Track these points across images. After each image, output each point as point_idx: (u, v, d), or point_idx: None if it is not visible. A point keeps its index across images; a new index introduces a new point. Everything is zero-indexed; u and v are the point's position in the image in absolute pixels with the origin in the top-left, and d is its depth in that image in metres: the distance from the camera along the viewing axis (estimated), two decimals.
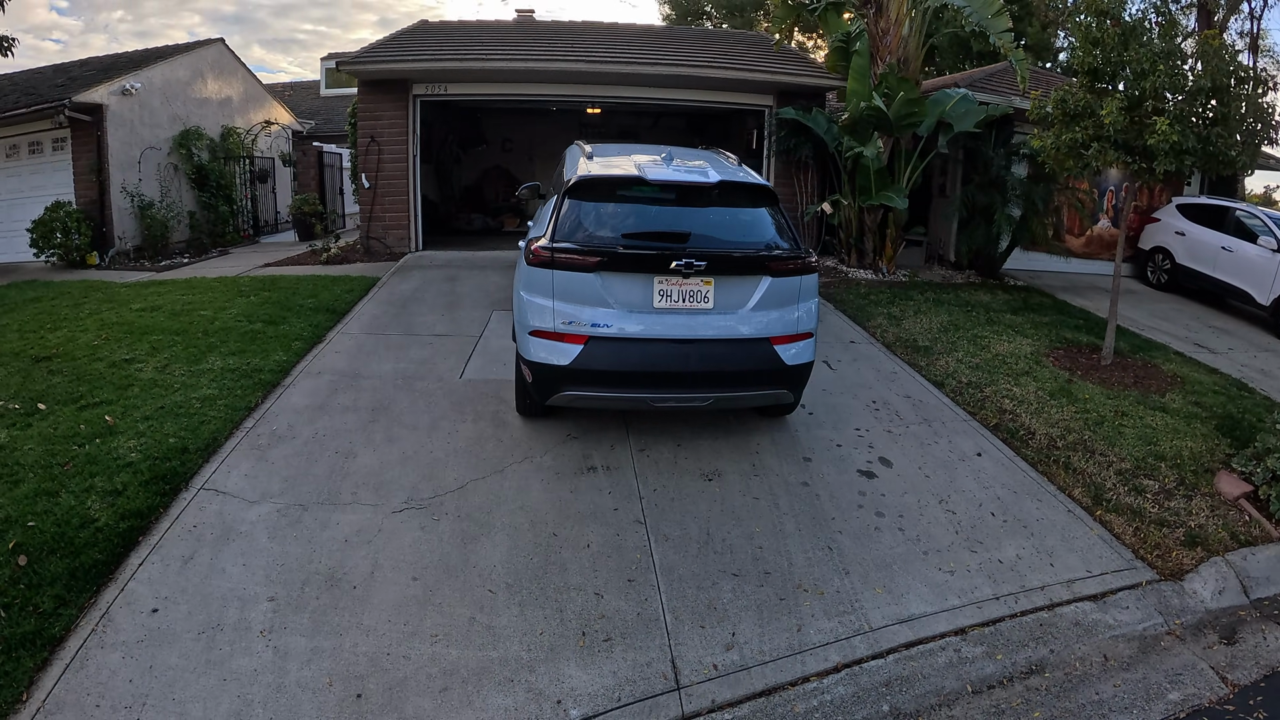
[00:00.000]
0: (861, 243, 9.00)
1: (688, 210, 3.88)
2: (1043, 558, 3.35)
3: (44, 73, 10.97)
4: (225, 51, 12.13)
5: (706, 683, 2.51)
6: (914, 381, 5.37)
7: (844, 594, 3.03)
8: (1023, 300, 7.93)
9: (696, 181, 3.87)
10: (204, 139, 11.35)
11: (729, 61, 9.39)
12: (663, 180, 3.82)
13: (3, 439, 3.76)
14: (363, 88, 9.38)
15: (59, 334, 5.57)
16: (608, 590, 2.93)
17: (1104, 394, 5.14)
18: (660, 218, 3.84)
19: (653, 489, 3.72)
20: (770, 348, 3.81)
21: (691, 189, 3.87)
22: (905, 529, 3.52)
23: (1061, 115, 5.43)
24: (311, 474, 3.74)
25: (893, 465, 4.11)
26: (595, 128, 14.59)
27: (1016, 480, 4.02)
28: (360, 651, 2.58)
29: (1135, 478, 4.04)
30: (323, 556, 3.08)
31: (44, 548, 2.94)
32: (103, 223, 9.20)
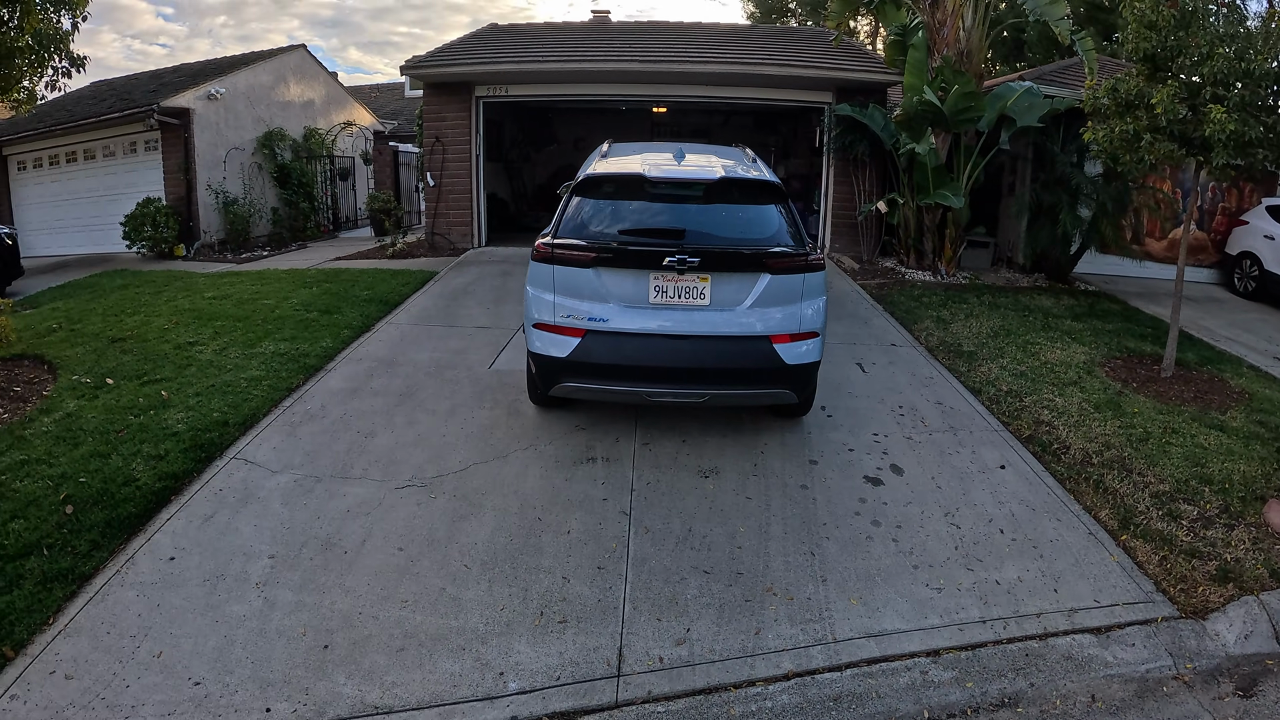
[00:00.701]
0: (920, 243, 8.72)
1: (688, 207, 3.92)
2: (1047, 582, 3.12)
3: (140, 79, 12.36)
4: (307, 57, 13.23)
5: (647, 674, 2.53)
6: (949, 387, 5.19)
7: (815, 601, 2.94)
8: (1088, 306, 7.44)
9: (697, 178, 3.92)
10: (286, 139, 12.41)
11: (782, 58, 9.33)
12: (664, 178, 3.90)
13: (72, 408, 4.34)
14: (428, 90, 10.00)
15: (136, 318, 6.31)
16: (576, 575, 3.02)
17: (1156, 408, 4.80)
18: (660, 214, 3.91)
19: (646, 482, 3.77)
20: (769, 346, 3.79)
21: (693, 185, 3.93)
22: (900, 540, 3.37)
23: (1114, 105, 5.05)
24: (332, 450, 4.09)
25: (904, 473, 3.96)
26: (666, 126, 14.80)
27: (1038, 497, 3.79)
28: (337, 609, 2.82)
29: (1173, 501, 3.72)
30: (324, 523, 3.38)
31: (89, 500, 3.39)
32: (189, 217, 10.28)
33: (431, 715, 2.36)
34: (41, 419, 4.18)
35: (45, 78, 4.63)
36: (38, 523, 3.21)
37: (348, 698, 2.42)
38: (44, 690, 2.43)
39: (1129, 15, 4.83)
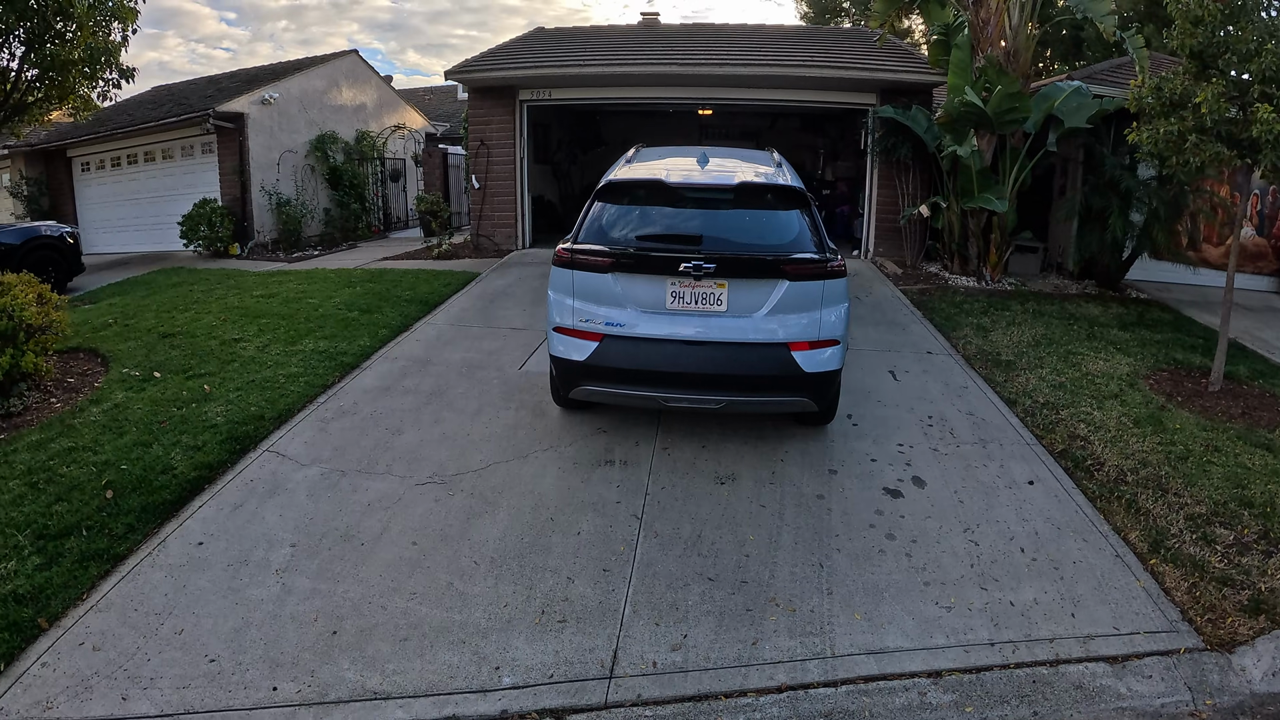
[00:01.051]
0: (964, 248, 8.49)
1: (708, 213, 3.94)
2: (1065, 606, 3.00)
3: (198, 84, 13.12)
4: (359, 62, 13.79)
5: (639, 677, 2.53)
6: (983, 398, 5.07)
7: (818, 614, 2.89)
8: (1138, 315, 7.15)
9: (717, 184, 3.95)
10: (338, 142, 12.94)
11: (824, 59, 9.23)
12: (683, 184, 3.93)
13: (120, 399, 4.64)
14: (472, 94, 10.28)
15: (187, 314, 6.69)
16: (580, 576, 3.05)
17: (1199, 424, 4.61)
18: (679, 220, 3.93)
19: (661, 486, 3.78)
20: (788, 353, 3.76)
21: (712, 191, 3.95)
22: (913, 555, 3.29)
23: (1159, 105, 4.85)
24: (359, 445, 4.25)
25: (925, 486, 3.87)
26: (715, 129, 14.82)
27: (1065, 515, 3.65)
28: (348, 597, 2.93)
29: (1209, 525, 3.55)
30: (345, 516, 3.51)
31: (128, 486, 3.62)
32: (244, 217, 10.83)
33: (426, 704, 2.43)
34: (91, 409, 4.48)
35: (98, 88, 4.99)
36: (79, 505, 3.45)
37: (349, 682, 2.52)
38: (72, 660, 2.61)
39: (1174, 11, 4.65)
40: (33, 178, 12.59)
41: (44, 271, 8.32)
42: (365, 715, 2.39)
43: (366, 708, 2.42)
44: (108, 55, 4.87)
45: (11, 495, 3.51)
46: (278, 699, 2.46)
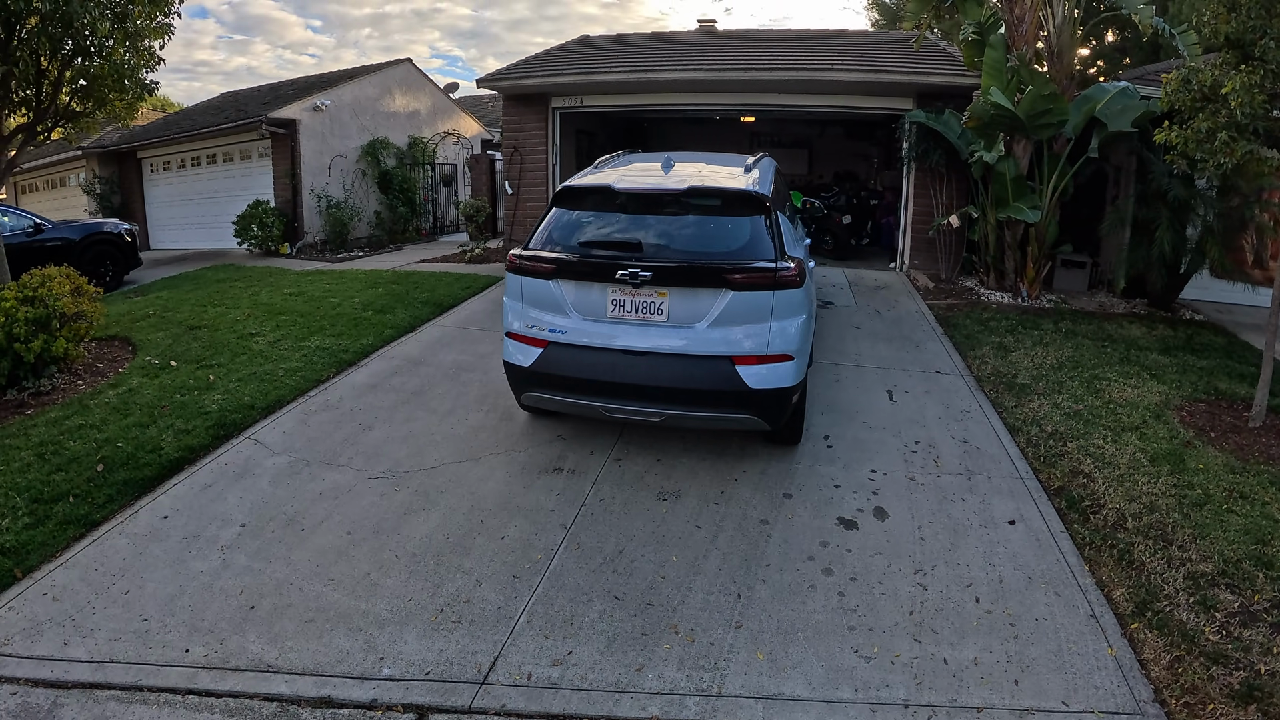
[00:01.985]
0: (1001, 262, 8.20)
1: (654, 219, 3.99)
2: (1010, 670, 2.75)
3: (262, 90, 14.37)
4: (412, 70, 14.70)
5: (510, 687, 2.66)
6: (984, 424, 4.91)
7: (717, 648, 2.86)
8: (1185, 338, 6.70)
9: (663, 189, 4.01)
10: (390, 147, 13.84)
11: (856, 62, 9.15)
12: (630, 189, 4.04)
13: (135, 384, 5.28)
14: (507, 102, 10.82)
15: (218, 309, 7.43)
16: (489, 580, 3.24)
17: (1227, 465, 4.22)
18: (622, 226, 4.00)
19: (601, 498, 3.91)
20: (731, 367, 3.75)
21: (659, 197, 4.01)
22: (847, 594, 3.18)
23: (1190, 100, 4.54)
24: (330, 438, 4.66)
25: (887, 519, 3.77)
26: (764, 137, 14.91)
27: (1042, 563, 3.41)
28: (275, 577, 3.28)
29: (1212, 586, 3.20)
30: (296, 502, 3.90)
31: (119, 462, 4.17)
32: (294, 218, 11.80)
33: (308, 682, 2.71)
34: (108, 392, 5.13)
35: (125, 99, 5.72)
36: (73, 476, 4.01)
37: (250, 653, 2.85)
38: (33, 607, 3.09)
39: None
40: (105, 177, 14.19)
41: (102, 265, 9.43)
42: (253, 684, 2.71)
43: (256, 678, 2.74)
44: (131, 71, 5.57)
45: (21, 463, 4.12)
46: (186, 659, 2.82)
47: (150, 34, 5.67)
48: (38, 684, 2.72)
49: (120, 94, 5.72)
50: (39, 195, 17.89)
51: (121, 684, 2.72)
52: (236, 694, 2.67)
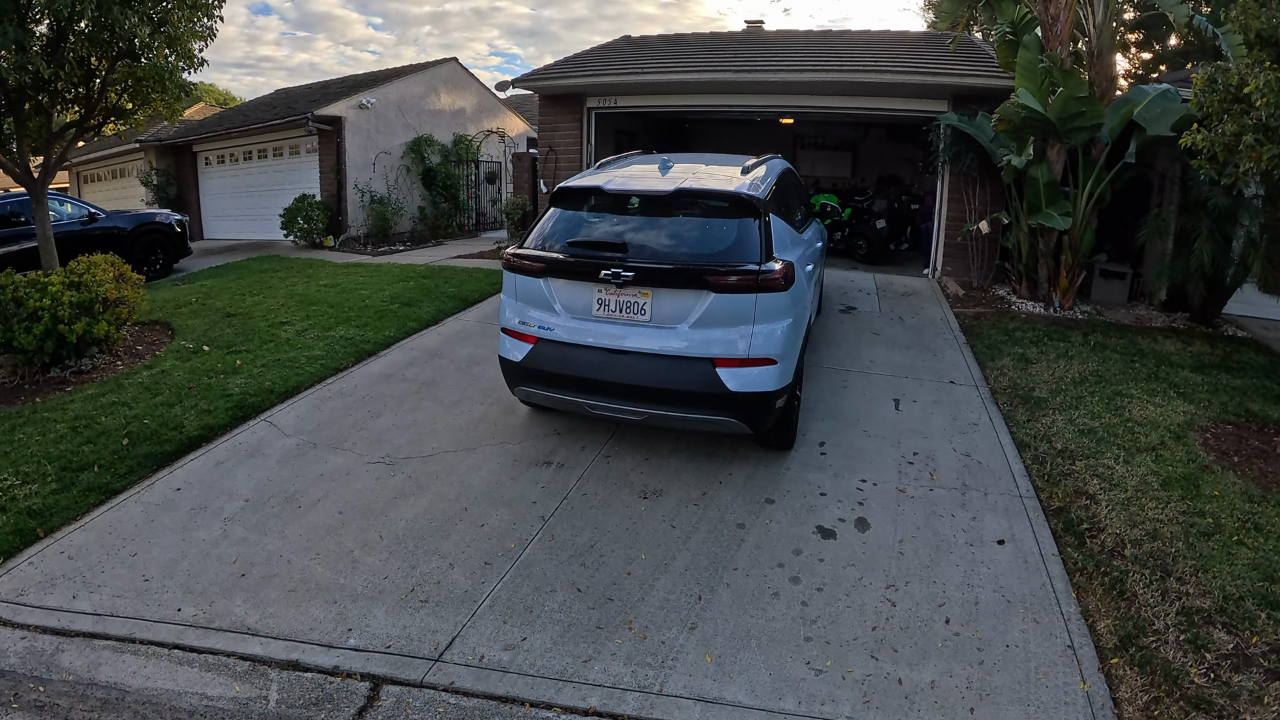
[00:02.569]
0: (1033, 271, 8.00)
1: (640, 220, 4.10)
2: (968, 697, 2.68)
3: (312, 88, 15.11)
4: (458, 69, 15.18)
5: (461, 666, 2.81)
6: (991, 438, 4.81)
7: (667, 646, 2.92)
8: (1223, 355, 6.41)
9: (651, 191, 4.11)
10: (435, 145, 14.34)
11: (888, 63, 9.04)
12: (620, 190, 4.16)
13: (168, 366, 5.71)
14: (542, 101, 11.10)
15: (255, 298, 7.90)
16: (462, 565, 3.41)
17: (1246, 493, 4.01)
18: (609, 227, 4.13)
19: (583, 493, 4.04)
20: (712, 369, 3.81)
21: (647, 198, 4.11)
22: (810, 604, 3.18)
23: (1216, 101, 4.36)
24: (339, 424, 4.96)
25: (868, 530, 3.75)
26: (808, 139, 14.85)
27: (1026, 587, 3.31)
28: (267, 549, 3.55)
29: (1208, 624, 3.03)
30: (298, 481, 4.19)
31: (143, 436, 4.55)
32: (338, 212, 12.38)
33: (280, 645, 2.94)
34: (142, 373, 5.57)
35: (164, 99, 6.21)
36: (101, 448, 4.40)
37: (234, 616, 3.11)
38: (50, 563, 3.44)
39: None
40: (162, 169, 15.18)
41: (152, 253, 10.11)
42: (232, 643, 2.96)
43: (236, 638, 2.99)
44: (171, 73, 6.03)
45: (56, 435, 4.54)
46: (177, 618, 3.10)
47: (190, 37, 6.13)
48: (45, 631, 3.04)
49: (161, 94, 6.22)
50: (101, 185, 19.29)
51: (117, 635, 3.02)
52: (216, 651, 2.93)
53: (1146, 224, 7.62)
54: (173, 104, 6.46)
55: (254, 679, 2.80)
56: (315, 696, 2.72)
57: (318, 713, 2.64)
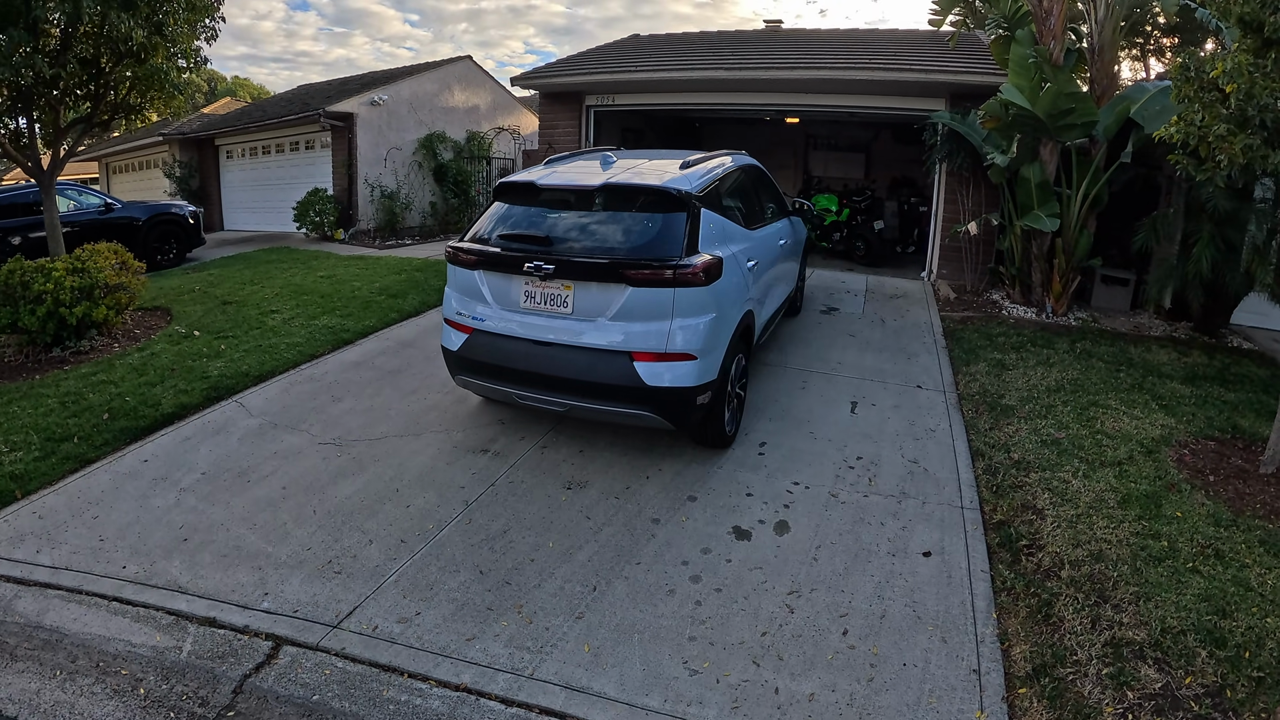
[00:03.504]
0: (1027, 274, 8.02)
1: (567, 214, 4.30)
2: (846, 714, 2.68)
3: (332, 85, 15.82)
4: (472, 67, 15.67)
5: (355, 634, 3.11)
6: (946, 445, 4.83)
7: (550, 633, 3.09)
8: (1220, 367, 6.27)
9: (578, 185, 4.31)
10: (447, 141, 14.86)
11: (882, 61, 9.11)
12: (550, 185, 4.37)
13: (158, 349, 6.25)
14: (543, 100, 11.47)
15: (253, 287, 8.45)
16: (380, 541, 3.74)
17: (1213, 516, 3.83)
18: (537, 221, 4.34)
19: (510, 481, 4.31)
20: (629, 363, 3.98)
21: (575, 193, 4.31)
22: (704, 604, 3.26)
23: (1191, 90, 4.23)
24: (302, 407, 5.38)
25: (787, 534, 3.80)
26: (821, 139, 14.93)
27: (943, 604, 3.26)
28: (211, 517, 3.97)
29: (1137, 659, 2.87)
30: (252, 458, 4.61)
31: (123, 412, 5.05)
32: (349, 206, 12.98)
33: (203, 604, 3.32)
34: (134, 354, 6.11)
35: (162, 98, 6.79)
36: (84, 422, 4.91)
37: (169, 575, 3.52)
38: (21, 521, 3.93)
39: None
40: (184, 162, 16.09)
41: (166, 243, 10.82)
42: (163, 599, 3.36)
43: (166, 595, 3.39)
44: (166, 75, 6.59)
45: (46, 408, 5.08)
46: (120, 574, 3.53)
47: (186, 39, 6.67)
48: (7, 579, 3.51)
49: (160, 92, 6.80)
50: (128, 176, 20.56)
51: (67, 586, 3.46)
52: (148, 605, 3.34)
53: (1143, 227, 7.52)
54: (169, 102, 7.04)
55: (174, 631, 3.20)
56: (222, 650, 3.09)
57: (220, 665, 3.01)
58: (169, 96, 6.95)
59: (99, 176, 21.51)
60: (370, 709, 2.77)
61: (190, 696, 2.85)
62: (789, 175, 14.59)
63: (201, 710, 2.78)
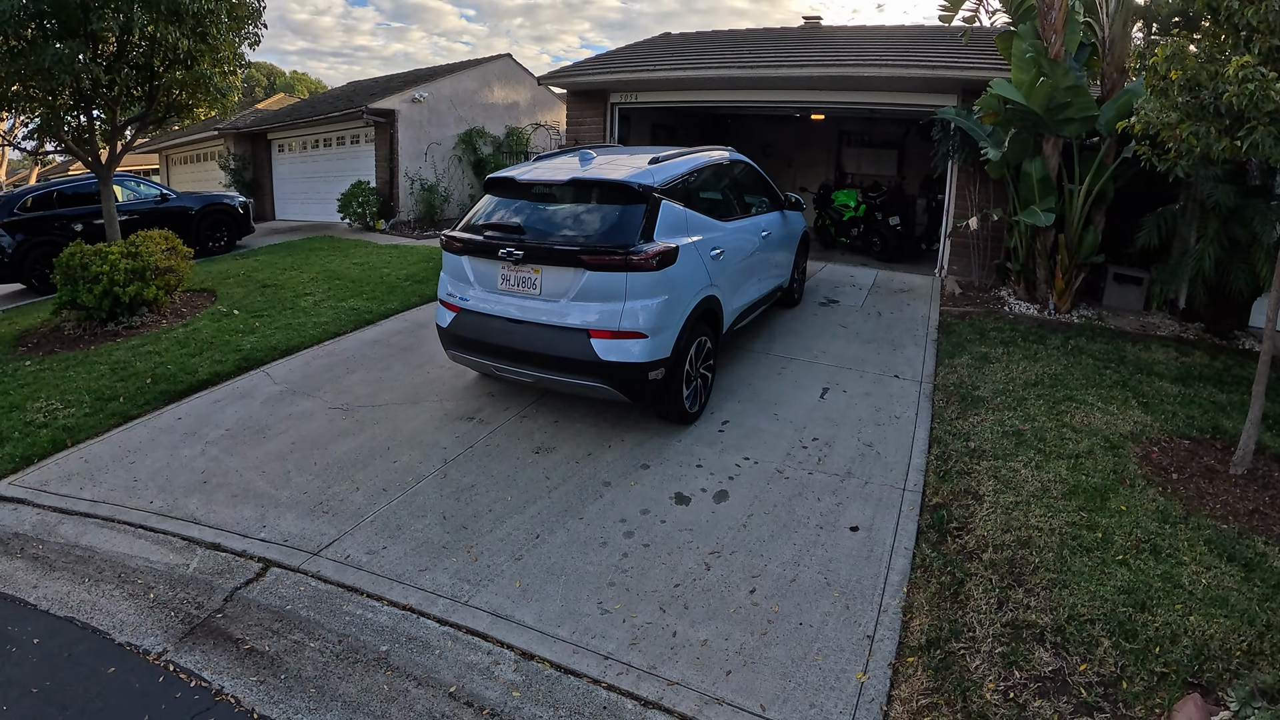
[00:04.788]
0: (1031, 271, 8.08)
1: (540, 205, 4.79)
2: (731, 660, 2.92)
3: (378, 82, 16.78)
4: (512, 64, 16.34)
5: (330, 561, 3.65)
6: (906, 431, 4.96)
7: (490, 570, 3.53)
8: (1219, 370, 6.16)
9: (549, 180, 4.80)
10: (486, 136, 15.58)
11: (894, 57, 9.26)
12: (527, 180, 4.88)
13: (200, 326, 7.04)
14: (570, 98, 11.99)
15: (293, 272, 9.25)
16: (365, 487, 4.30)
17: (1161, 513, 3.84)
18: (514, 212, 4.85)
19: (488, 445, 4.80)
20: (586, 339, 4.40)
21: (547, 187, 4.82)
22: (630, 556, 3.60)
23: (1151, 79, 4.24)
24: (318, 376, 6.03)
25: (724, 502, 4.08)
26: (854, 136, 15.06)
27: (857, 574, 3.46)
28: (229, 465, 4.61)
29: (1035, 642, 2.94)
30: (269, 418, 5.27)
31: (163, 379, 5.80)
32: (390, 198, 13.80)
33: (211, 532, 3.95)
34: (179, 329, 6.90)
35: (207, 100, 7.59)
36: (130, 385, 5.68)
37: (187, 509, 4.16)
38: (70, 463, 4.68)
39: None
40: (239, 154, 17.34)
41: (218, 230, 11.79)
42: (179, 528, 4.01)
43: (183, 524, 4.04)
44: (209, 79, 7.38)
45: (98, 374, 5.88)
46: (147, 508, 4.20)
47: (229, 47, 7.45)
48: (54, 510, 4.23)
49: (204, 95, 7.61)
50: (187, 167, 22.25)
51: (103, 516, 4.15)
52: (166, 532, 3.99)
53: (1147, 224, 7.49)
54: (214, 104, 7.87)
55: (185, 553, 3.83)
56: (221, 569, 3.70)
57: (218, 579, 3.62)
58: (213, 99, 7.77)
59: (159, 168, 23.29)
60: (330, 618, 3.32)
61: (190, 601, 3.46)
62: (821, 172, 14.73)
63: (197, 611, 3.38)
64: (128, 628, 3.29)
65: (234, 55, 7.58)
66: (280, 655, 3.10)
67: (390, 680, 2.95)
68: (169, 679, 2.99)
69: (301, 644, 3.17)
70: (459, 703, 2.83)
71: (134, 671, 3.04)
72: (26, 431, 5.03)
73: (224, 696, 2.90)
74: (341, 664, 3.04)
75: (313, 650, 3.13)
